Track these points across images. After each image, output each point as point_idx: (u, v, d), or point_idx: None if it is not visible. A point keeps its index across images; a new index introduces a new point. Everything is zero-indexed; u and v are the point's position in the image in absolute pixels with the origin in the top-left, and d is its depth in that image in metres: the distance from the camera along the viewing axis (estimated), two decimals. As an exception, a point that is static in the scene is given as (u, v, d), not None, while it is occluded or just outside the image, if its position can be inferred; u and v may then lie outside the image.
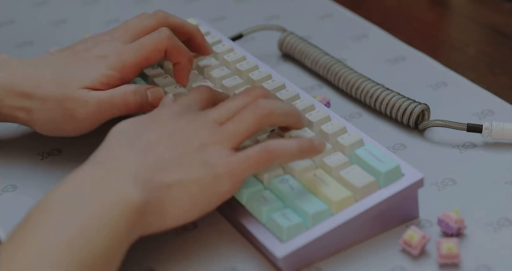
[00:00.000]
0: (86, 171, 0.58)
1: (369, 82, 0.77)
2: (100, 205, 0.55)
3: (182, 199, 0.58)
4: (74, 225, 0.54)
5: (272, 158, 0.60)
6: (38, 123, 0.69)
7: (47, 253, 0.52)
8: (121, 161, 0.59)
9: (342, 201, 0.61)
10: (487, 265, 0.60)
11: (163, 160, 0.59)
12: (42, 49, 0.88)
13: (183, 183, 0.58)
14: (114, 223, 0.55)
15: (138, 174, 0.58)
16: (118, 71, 0.69)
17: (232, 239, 0.64)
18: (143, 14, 0.74)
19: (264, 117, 0.62)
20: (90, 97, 0.68)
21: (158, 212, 0.58)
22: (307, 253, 0.60)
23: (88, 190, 0.56)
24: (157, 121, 0.62)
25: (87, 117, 0.68)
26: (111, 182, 0.57)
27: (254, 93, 0.64)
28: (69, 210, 0.55)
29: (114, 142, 0.61)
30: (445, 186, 0.68)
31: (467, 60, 0.86)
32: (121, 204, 0.56)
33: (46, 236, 0.53)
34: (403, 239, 0.61)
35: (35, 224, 0.54)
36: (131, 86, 0.69)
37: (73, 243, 0.53)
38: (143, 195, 0.57)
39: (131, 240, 0.57)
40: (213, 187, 0.59)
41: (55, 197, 0.56)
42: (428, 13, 0.97)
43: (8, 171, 0.71)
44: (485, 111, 0.76)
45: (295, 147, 0.61)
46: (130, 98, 0.68)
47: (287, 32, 0.85)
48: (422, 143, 0.73)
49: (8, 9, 0.98)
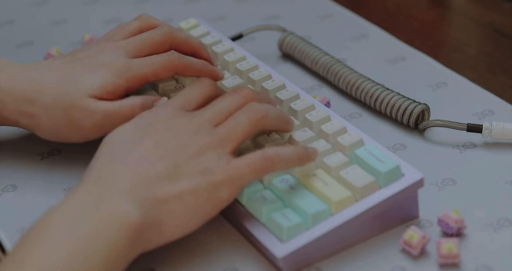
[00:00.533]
0: (82, 190, 0.57)
1: (369, 82, 0.77)
2: (98, 224, 0.55)
3: (179, 211, 0.58)
4: (72, 244, 0.54)
5: (271, 166, 0.60)
6: (41, 129, 0.68)
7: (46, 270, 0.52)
8: (116, 179, 0.58)
9: (342, 201, 0.61)
10: (487, 265, 0.60)
11: (158, 173, 0.58)
12: (42, 49, 0.88)
13: (180, 195, 0.58)
14: (112, 242, 0.55)
15: (134, 191, 0.57)
16: (125, 81, 0.68)
17: (232, 239, 0.64)
18: (143, 16, 0.74)
19: (259, 120, 0.62)
20: (96, 108, 0.67)
21: (156, 228, 0.57)
22: (307, 253, 0.60)
23: (85, 209, 0.56)
24: (149, 127, 0.61)
25: (93, 128, 0.67)
26: (108, 201, 0.56)
27: (243, 93, 0.64)
28: (67, 229, 0.55)
29: (107, 156, 0.60)
30: (445, 186, 0.68)
31: (467, 60, 0.86)
32: (118, 223, 0.55)
33: (44, 255, 0.53)
34: (403, 239, 0.61)
35: (34, 242, 0.54)
36: (138, 99, 0.68)
37: (71, 262, 0.53)
38: (140, 212, 0.56)
39: (130, 258, 0.57)
40: (211, 195, 0.59)
41: (53, 216, 0.56)
42: (428, 13, 0.97)
43: (8, 171, 0.71)
44: (485, 111, 0.76)
45: (294, 154, 0.61)
46: (137, 111, 0.67)
47: (287, 32, 0.85)
48: (422, 143, 0.73)
49: (8, 9, 0.98)
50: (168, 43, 0.71)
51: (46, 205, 0.59)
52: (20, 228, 0.65)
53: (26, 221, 0.65)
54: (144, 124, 0.62)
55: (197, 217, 0.59)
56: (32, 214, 0.60)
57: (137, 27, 0.73)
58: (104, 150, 0.61)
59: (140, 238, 0.57)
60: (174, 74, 0.70)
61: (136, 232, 0.56)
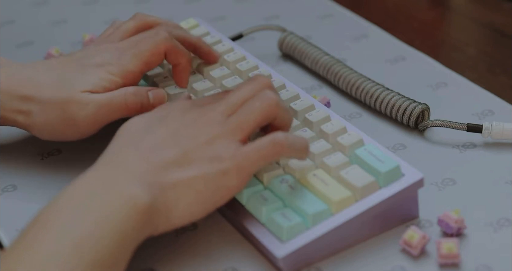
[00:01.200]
0: (94, 172, 0.58)
1: (369, 82, 0.77)
2: (107, 207, 0.56)
3: (187, 197, 0.58)
4: (81, 226, 0.54)
5: (280, 151, 0.60)
6: (37, 127, 0.69)
7: (55, 253, 0.53)
8: (128, 163, 0.59)
9: (342, 201, 0.61)
10: (487, 265, 0.60)
11: (168, 160, 0.59)
12: (42, 49, 0.88)
13: (189, 180, 0.58)
14: (122, 224, 0.55)
15: (144, 175, 0.58)
16: (121, 77, 0.69)
17: (232, 239, 0.64)
18: (138, 15, 0.74)
19: (272, 107, 0.61)
20: (90, 100, 0.67)
21: (163, 213, 0.58)
22: (307, 253, 0.60)
23: (96, 192, 0.56)
24: (164, 118, 0.62)
25: (87, 120, 0.67)
26: (118, 184, 0.57)
27: (259, 80, 0.63)
28: (76, 211, 0.55)
29: (121, 142, 0.61)
30: (445, 186, 0.68)
31: (467, 60, 0.86)
32: (128, 206, 0.56)
33: (54, 237, 0.53)
34: (403, 239, 0.61)
35: (43, 225, 0.54)
36: (131, 88, 0.69)
37: (80, 244, 0.53)
38: (150, 196, 0.57)
39: (138, 241, 0.57)
40: (220, 182, 0.59)
41: (63, 198, 0.56)
42: (428, 13, 0.97)
43: (8, 171, 0.71)
44: (485, 111, 0.76)
45: (303, 142, 0.61)
46: (130, 99, 0.68)
47: (287, 32, 0.85)
48: (422, 143, 0.73)
49: (8, 9, 0.98)
50: (164, 50, 0.71)
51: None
52: (20, 228, 0.65)
53: (26, 221, 0.65)
54: (160, 116, 0.63)
55: (204, 205, 0.59)
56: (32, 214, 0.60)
57: (133, 27, 0.74)
58: (119, 136, 0.61)
59: (148, 222, 0.57)
60: (164, 57, 0.71)
61: (145, 215, 0.56)
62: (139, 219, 0.56)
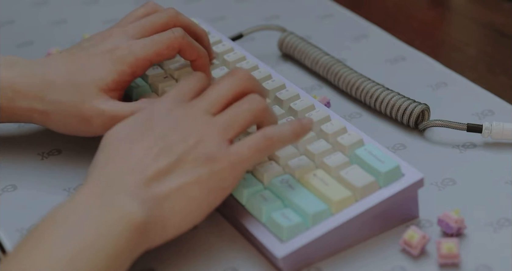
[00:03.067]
0: (85, 191, 0.57)
1: (369, 82, 0.77)
2: (103, 224, 0.55)
3: (182, 205, 0.58)
4: (75, 243, 0.54)
5: (271, 145, 0.60)
6: (53, 124, 0.69)
7: (49, 269, 0.52)
8: (118, 178, 0.58)
9: (342, 201, 0.61)
10: (487, 265, 0.60)
11: (160, 169, 0.58)
12: (42, 49, 0.88)
13: (182, 188, 0.58)
14: (116, 241, 0.55)
15: (136, 190, 0.57)
16: (129, 66, 0.68)
17: (232, 239, 0.64)
18: (149, 3, 0.74)
19: (261, 111, 0.62)
20: (105, 110, 0.67)
21: (160, 225, 0.57)
22: (307, 253, 0.60)
23: (89, 210, 0.56)
24: (147, 122, 0.61)
25: (102, 126, 0.67)
26: (111, 202, 0.56)
27: (239, 75, 0.63)
28: (71, 228, 0.55)
29: (110, 154, 0.60)
30: (445, 186, 0.68)
31: (467, 60, 0.86)
32: (122, 224, 0.55)
33: (48, 253, 0.53)
34: (403, 239, 0.61)
35: (37, 241, 0.54)
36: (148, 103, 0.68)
37: (74, 261, 0.53)
38: (143, 211, 0.56)
39: (134, 257, 0.57)
40: (214, 183, 0.59)
41: (58, 215, 0.56)
42: (428, 13, 0.97)
43: (8, 171, 0.71)
44: (485, 111, 0.76)
45: (289, 131, 0.61)
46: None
47: (287, 32, 0.85)
48: (422, 143, 0.73)
49: (8, 9, 0.98)
50: (172, 26, 0.71)
51: (46, 205, 0.59)
52: (20, 228, 0.65)
53: (26, 221, 0.65)
54: (143, 120, 0.62)
55: (200, 209, 0.59)
56: (32, 214, 0.60)
57: (143, 13, 0.74)
58: (106, 147, 0.61)
59: (144, 237, 0.57)
60: (177, 53, 0.70)
61: (140, 231, 0.56)
62: (134, 235, 0.56)
